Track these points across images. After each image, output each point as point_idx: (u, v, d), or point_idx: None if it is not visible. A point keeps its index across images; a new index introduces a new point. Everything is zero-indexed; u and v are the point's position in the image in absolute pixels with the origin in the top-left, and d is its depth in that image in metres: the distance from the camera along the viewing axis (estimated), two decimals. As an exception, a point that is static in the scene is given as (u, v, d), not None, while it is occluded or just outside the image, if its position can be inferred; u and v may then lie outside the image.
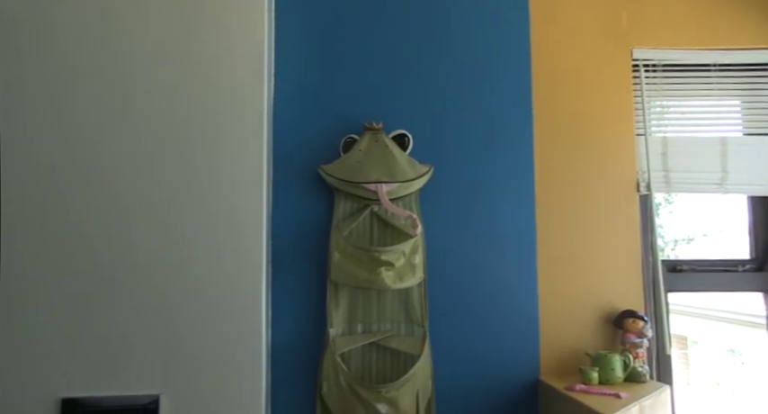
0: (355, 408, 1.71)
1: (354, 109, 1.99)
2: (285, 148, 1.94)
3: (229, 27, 1.75)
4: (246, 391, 1.65)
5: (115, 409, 1.60)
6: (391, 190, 1.83)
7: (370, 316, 1.87)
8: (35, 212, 1.63)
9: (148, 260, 1.66)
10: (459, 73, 2.04)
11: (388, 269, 1.76)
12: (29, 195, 1.64)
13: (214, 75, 1.73)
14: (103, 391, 1.61)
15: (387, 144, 1.88)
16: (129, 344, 1.63)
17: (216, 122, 1.72)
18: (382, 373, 1.84)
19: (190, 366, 1.64)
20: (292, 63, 1.99)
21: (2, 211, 1.62)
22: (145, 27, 1.72)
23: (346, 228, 1.86)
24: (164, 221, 1.67)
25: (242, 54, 1.75)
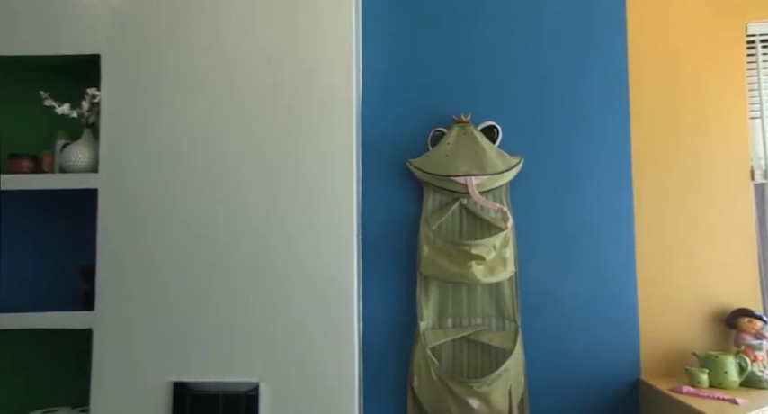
0: (446, 402, 1.71)
1: (442, 102, 1.97)
2: (373, 144, 1.96)
3: (320, 25, 1.79)
4: (340, 382, 1.70)
5: (219, 394, 1.70)
6: (481, 183, 1.80)
7: (460, 310, 1.86)
8: (150, 211, 1.76)
9: (250, 258, 1.74)
10: (549, 60, 1.97)
11: (478, 263, 1.74)
12: (145, 195, 1.77)
13: (306, 75, 1.78)
14: (209, 377, 1.71)
15: (475, 136, 1.85)
16: (232, 335, 1.72)
17: (308, 121, 1.77)
18: (473, 367, 1.83)
19: (287, 356, 1.71)
20: (379, 58, 2.00)
21: (121, 210, 1.76)
22: (245, 31, 1.80)
23: (435, 221, 1.86)
24: (263, 219, 1.75)
25: (330, 53, 1.79)
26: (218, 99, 1.78)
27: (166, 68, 1.80)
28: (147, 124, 1.78)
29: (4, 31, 1.82)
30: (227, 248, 1.74)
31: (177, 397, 1.70)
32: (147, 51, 1.80)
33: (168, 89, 1.79)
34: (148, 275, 1.74)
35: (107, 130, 1.78)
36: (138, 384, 1.71)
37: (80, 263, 1.85)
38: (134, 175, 1.77)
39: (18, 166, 1.84)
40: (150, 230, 1.75)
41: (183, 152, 1.77)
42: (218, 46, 1.80)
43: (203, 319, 1.73)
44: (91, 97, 1.80)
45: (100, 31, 1.81)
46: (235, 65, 1.79)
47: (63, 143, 1.86)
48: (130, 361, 1.72)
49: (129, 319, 1.73)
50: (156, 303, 1.73)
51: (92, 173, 1.79)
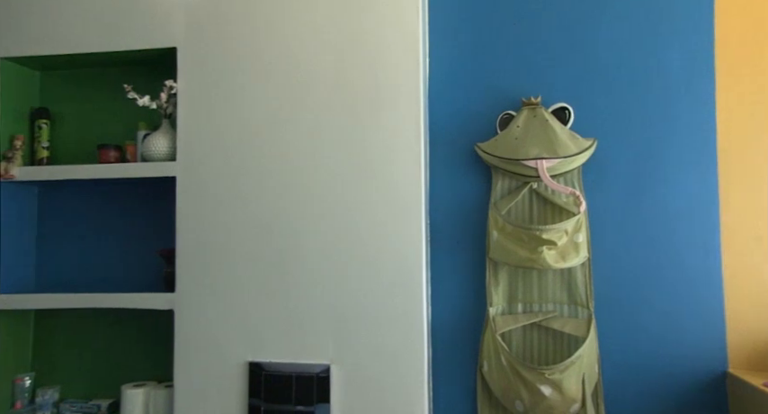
0: (517, 388, 1.69)
1: (510, 84, 1.93)
2: (441, 128, 1.95)
3: (386, 10, 1.78)
4: (409, 365, 1.71)
5: (292, 375, 1.75)
6: (552, 166, 1.75)
7: (530, 296, 1.82)
8: (225, 197, 1.82)
9: (321, 243, 1.77)
10: (625, 36, 1.88)
11: (549, 248, 1.69)
12: (220, 181, 1.83)
13: (372, 61, 1.79)
14: (282, 358, 1.77)
15: (546, 118, 1.80)
16: (304, 317, 1.77)
17: (375, 106, 1.78)
18: (544, 354, 1.79)
19: (357, 340, 1.74)
20: (446, 42, 1.97)
21: (197, 196, 1.83)
22: (313, 19, 1.82)
23: (505, 206, 1.83)
24: (332, 204, 1.77)
25: (397, 37, 1.78)
26: (287, 87, 1.82)
27: (238, 59, 1.85)
28: (220, 113, 1.84)
29: (91, 31, 1.92)
30: (298, 234, 1.78)
31: (253, 376, 1.77)
32: (219, 43, 1.86)
33: (240, 79, 1.84)
34: (224, 260, 1.81)
35: (183, 120, 1.86)
36: (217, 363, 1.79)
37: (161, 247, 1.94)
38: (209, 162, 1.84)
39: (106, 156, 1.95)
40: (225, 216, 1.82)
41: (254, 139, 1.82)
42: (287, 35, 1.83)
43: (276, 302, 1.78)
44: (168, 89, 1.88)
45: (175, 26, 1.88)
46: (302, 53, 1.82)
47: (144, 133, 1.96)
48: (209, 341, 1.80)
49: (206, 301, 1.81)
50: (231, 286, 1.80)
51: (170, 161, 1.87)
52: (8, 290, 1.95)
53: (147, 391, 1.89)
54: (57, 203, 2.11)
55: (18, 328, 2.01)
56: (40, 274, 2.09)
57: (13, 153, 1.93)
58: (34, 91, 2.10)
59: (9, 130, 1.97)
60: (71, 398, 2.01)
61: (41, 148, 2.02)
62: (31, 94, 2.08)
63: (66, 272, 2.09)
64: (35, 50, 1.94)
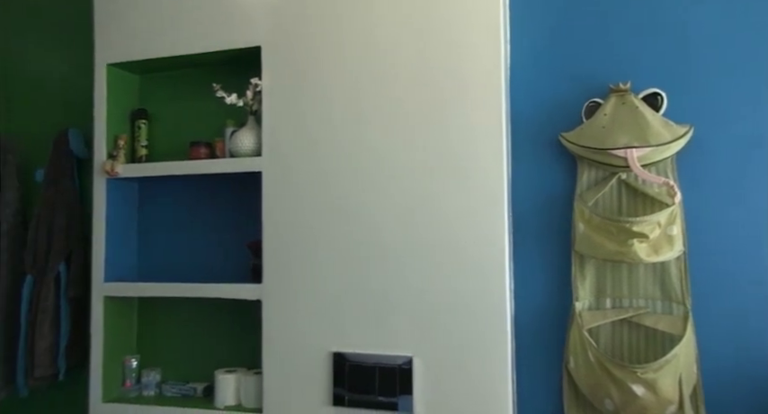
0: (606, 386, 1.62)
1: (596, 70, 1.84)
2: (523, 118, 1.90)
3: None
4: (493, 359, 1.69)
5: (375, 366, 1.78)
6: (643, 155, 1.66)
7: (619, 290, 1.75)
8: (309, 190, 1.88)
9: (403, 235, 1.79)
10: (717, 14, 1.74)
11: (640, 241, 1.61)
12: (304, 175, 1.89)
13: (453, 50, 1.78)
14: (365, 349, 1.80)
15: (636, 105, 1.71)
16: (387, 310, 1.79)
17: (457, 96, 1.77)
18: (635, 352, 1.71)
19: (440, 332, 1.74)
20: (528, 28, 1.91)
21: (282, 190, 1.89)
22: (394, 10, 1.83)
23: (591, 197, 1.76)
24: (415, 196, 1.78)
25: (478, 25, 1.76)
26: (369, 80, 1.84)
27: (320, 55, 1.89)
28: (303, 109, 1.89)
29: (183, 35, 2.03)
30: (380, 226, 1.80)
31: (337, 366, 1.81)
32: (301, 40, 1.91)
33: (322, 74, 1.88)
34: (309, 252, 1.86)
35: (268, 116, 1.92)
36: (302, 352, 1.85)
37: (250, 239, 2.03)
38: (293, 156, 1.89)
39: (197, 153, 2.05)
40: (309, 209, 1.87)
41: (336, 133, 1.86)
42: (367, 28, 1.85)
43: (360, 294, 1.81)
44: (254, 86, 1.95)
45: (260, 25, 1.95)
46: (383, 45, 1.83)
47: (231, 130, 2.04)
48: (295, 330, 1.86)
49: (292, 292, 1.87)
50: (316, 278, 1.85)
51: (256, 157, 1.94)
52: (114, 278, 2.11)
53: (238, 376, 1.99)
54: (154, 198, 2.25)
55: (124, 313, 2.17)
56: (141, 263, 2.24)
57: (118, 152, 2.08)
58: (134, 93, 2.24)
59: (114, 130, 2.12)
60: (171, 379, 2.15)
61: (141, 146, 2.16)
62: (131, 96, 2.23)
63: (163, 262, 2.22)
64: (135, 56, 2.08)
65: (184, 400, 2.05)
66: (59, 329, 2.16)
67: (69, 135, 2.26)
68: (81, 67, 2.32)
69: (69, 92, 2.39)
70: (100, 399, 2.05)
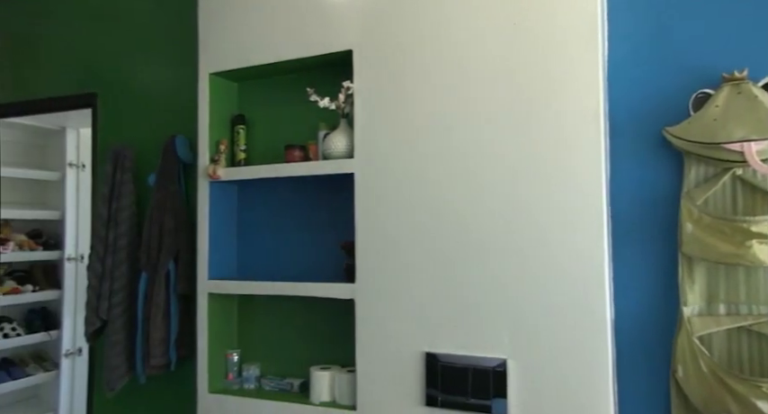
0: (723, 400, 1.50)
1: (705, 59, 1.71)
2: (623, 112, 1.80)
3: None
4: (592, 364, 1.62)
5: (468, 367, 1.76)
6: (763, 148, 1.52)
7: (735, 295, 1.61)
8: (402, 191, 1.89)
9: (497, 236, 1.76)
10: None
11: (760, 242, 1.48)
12: (396, 176, 1.90)
13: (546, 44, 1.72)
14: (458, 350, 1.78)
15: (755, 94, 1.57)
16: (480, 311, 1.76)
17: (550, 93, 1.71)
18: (757, 363, 1.57)
19: (535, 335, 1.69)
20: (628, 13, 1.81)
21: (375, 191, 1.92)
22: (482, 6, 1.80)
23: (700, 196, 1.63)
24: (508, 196, 1.75)
25: (572, 17, 1.69)
26: (459, 79, 1.82)
27: (410, 56, 1.89)
28: (394, 110, 1.90)
29: (278, 43, 2.10)
30: (473, 227, 1.78)
31: (429, 366, 1.81)
32: (392, 42, 1.92)
33: (412, 75, 1.88)
34: (401, 252, 1.87)
35: (360, 119, 1.95)
36: (395, 351, 1.87)
37: (344, 239, 2.07)
38: (385, 158, 1.91)
39: (291, 156, 2.13)
40: (402, 209, 1.88)
41: (428, 134, 1.86)
42: (459, 28, 1.83)
43: (453, 295, 1.80)
44: (345, 89, 1.99)
45: (351, 29, 1.98)
46: (473, 42, 1.81)
47: (324, 133, 2.10)
48: (387, 330, 1.88)
49: (384, 292, 1.89)
50: (408, 278, 1.86)
51: (348, 158, 1.98)
52: (217, 276, 2.23)
53: (332, 374, 2.04)
54: (252, 199, 2.35)
55: (226, 310, 2.29)
56: (241, 262, 2.35)
57: (219, 156, 2.19)
58: (233, 100, 2.36)
59: (215, 135, 2.24)
60: (269, 374, 2.24)
61: (239, 150, 2.27)
62: (230, 103, 2.34)
63: (261, 261, 2.32)
64: (234, 65, 2.18)
65: (282, 394, 2.13)
66: (170, 323, 2.31)
67: (176, 141, 2.42)
68: (186, 78, 2.48)
69: (176, 101, 2.56)
70: (206, 389, 2.17)
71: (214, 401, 2.16)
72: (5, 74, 3.07)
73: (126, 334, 2.41)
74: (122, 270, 2.43)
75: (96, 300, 2.44)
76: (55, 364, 3.63)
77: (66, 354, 3.62)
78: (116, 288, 2.42)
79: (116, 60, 2.74)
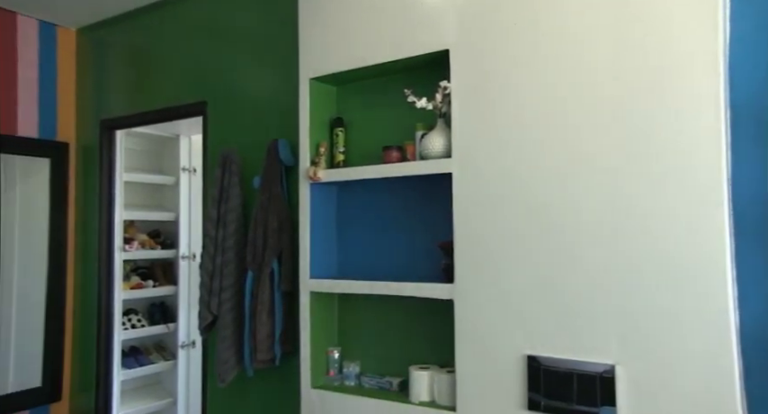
0: None
1: None
2: (746, 101, 1.65)
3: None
4: (715, 374, 1.50)
5: (573, 372, 1.69)
6: None
7: None
8: (501, 190, 1.85)
9: (603, 236, 1.68)
10: None
11: None
12: (495, 175, 1.87)
13: (659, 32, 1.62)
14: (562, 354, 1.72)
15: None
16: (585, 314, 1.69)
17: (664, 85, 1.60)
18: None
19: (647, 341, 1.59)
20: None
21: (473, 191, 1.89)
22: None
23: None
24: (617, 195, 1.66)
25: (689, 3, 1.57)
26: (563, 77, 1.76)
27: (509, 54, 1.85)
28: (493, 109, 1.87)
29: (375, 46, 2.13)
30: (578, 226, 1.71)
31: (531, 370, 1.76)
32: (490, 40, 1.89)
33: (512, 73, 1.84)
34: (501, 252, 1.83)
35: (458, 118, 1.93)
36: (495, 353, 1.83)
37: (441, 239, 2.06)
38: (484, 157, 1.88)
39: (389, 157, 2.15)
40: (501, 209, 1.84)
41: (528, 133, 1.81)
42: (561, 22, 1.77)
43: (554, 296, 1.74)
44: (443, 89, 1.98)
45: (447, 29, 1.97)
46: (579, 38, 1.74)
47: (421, 133, 2.10)
48: (487, 331, 1.85)
49: (484, 293, 1.86)
50: (508, 279, 1.82)
51: (446, 158, 1.97)
52: (318, 275, 2.30)
53: (431, 374, 2.04)
54: (351, 200, 2.41)
55: (327, 307, 2.36)
56: (341, 261, 2.41)
57: (319, 159, 2.26)
58: (332, 103, 2.42)
59: (315, 138, 2.32)
60: (369, 372, 2.28)
61: (338, 152, 2.33)
62: (329, 106, 2.41)
63: (360, 260, 2.37)
64: (333, 69, 2.24)
65: (381, 392, 2.16)
66: (275, 320, 2.42)
67: (279, 145, 2.53)
68: (287, 84, 2.59)
69: (278, 106, 2.68)
70: (309, 384, 2.25)
71: (316, 396, 2.23)
72: (130, 87, 3.36)
73: (234, 329, 2.55)
74: (231, 268, 2.58)
75: (208, 296, 2.60)
76: (173, 354, 3.93)
77: (182, 345, 3.90)
78: (225, 285, 2.57)
79: (223, 70, 2.91)
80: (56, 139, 3.50)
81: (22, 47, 3.37)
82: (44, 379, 3.38)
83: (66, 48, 3.58)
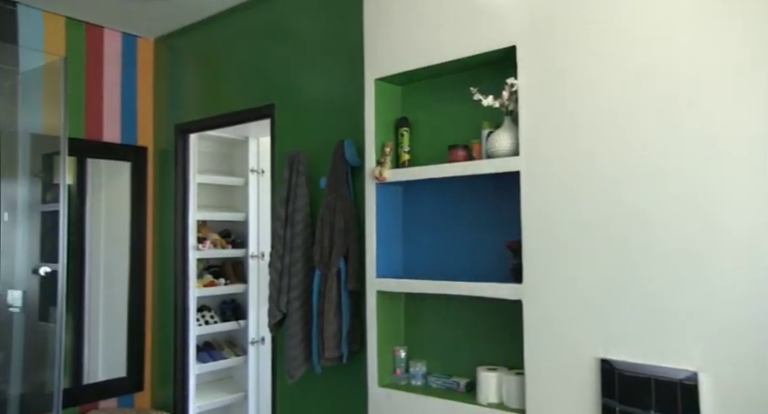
0: None
1: None
2: None
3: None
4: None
5: (650, 378, 1.62)
6: None
7: None
8: (571, 189, 1.80)
9: (685, 236, 1.59)
10: None
11: None
12: (565, 174, 1.82)
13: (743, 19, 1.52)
14: (638, 358, 1.65)
15: None
16: (664, 317, 1.61)
17: (746, 72, 1.51)
18: None
19: (735, 347, 1.50)
20: None
21: (542, 189, 1.85)
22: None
23: None
24: (697, 192, 1.58)
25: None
26: (636, 72, 1.69)
27: (579, 48, 1.79)
28: (562, 105, 1.82)
29: (441, 44, 2.12)
30: (653, 225, 1.64)
31: (604, 373, 1.70)
32: (559, 35, 1.83)
33: (582, 69, 1.78)
34: (572, 252, 1.78)
35: (525, 116, 1.89)
36: (566, 356, 1.78)
37: (508, 239, 2.03)
38: (553, 155, 1.83)
39: (455, 156, 2.13)
40: (572, 207, 1.79)
41: (599, 130, 1.75)
42: (634, 15, 1.69)
43: (632, 298, 1.67)
44: (510, 86, 1.94)
45: (514, 24, 1.93)
46: (654, 30, 1.66)
47: (488, 132, 2.07)
48: (558, 333, 1.80)
49: (554, 294, 1.81)
50: (580, 279, 1.76)
51: (513, 156, 1.93)
52: (384, 274, 2.31)
53: (499, 375, 2.00)
54: (416, 199, 2.40)
55: (393, 307, 2.37)
56: (407, 261, 2.42)
57: (384, 159, 2.28)
58: (397, 103, 2.43)
59: (381, 139, 2.33)
60: (435, 372, 2.27)
61: (403, 152, 2.33)
62: (394, 106, 2.42)
63: (425, 260, 2.36)
64: (398, 69, 2.25)
65: (448, 392, 2.14)
66: (342, 318, 2.45)
67: (344, 146, 2.56)
68: (352, 85, 2.62)
69: (343, 107, 2.71)
70: (376, 383, 2.27)
71: (383, 395, 2.24)
72: (202, 93, 3.51)
73: (303, 327, 2.61)
74: (298, 267, 2.63)
75: (277, 294, 2.67)
76: (244, 350, 4.06)
77: (252, 342, 4.03)
78: (293, 284, 2.63)
79: (290, 73, 2.98)
80: (136, 144, 3.70)
81: (107, 59, 3.58)
82: (128, 370, 3.58)
83: (145, 57, 3.77)
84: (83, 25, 3.47)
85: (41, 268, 3.01)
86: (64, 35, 3.39)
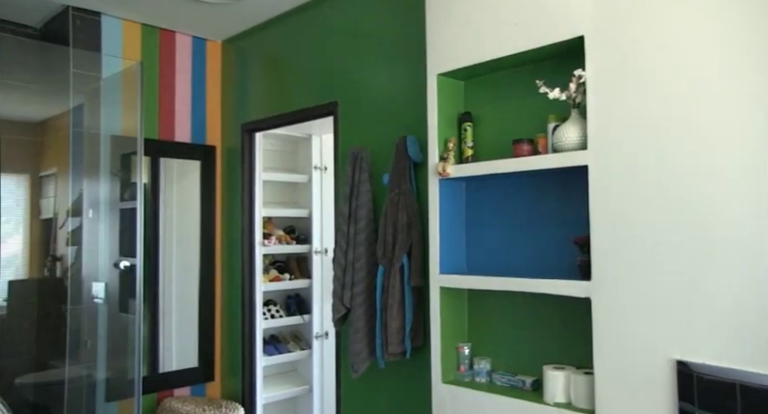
0: None
1: None
2: None
3: None
4: None
5: (735, 383, 1.53)
6: None
7: None
8: (642, 183, 1.73)
9: (763, 226, 1.50)
10: None
11: None
12: (635, 167, 1.75)
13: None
14: (718, 362, 1.57)
15: None
16: (748, 316, 1.53)
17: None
18: None
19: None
20: None
21: (611, 183, 1.78)
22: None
23: None
24: None
25: None
26: (710, 62, 1.60)
27: (649, 38, 1.72)
28: (632, 97, 1.75)
29: (503, 37, 2.08)
30: (731, 220, 1.55)
31: (681, 376, 1.62)
32: (628, 24, 1.76)
33: (653, 59, 1.71)
34: (644, 248, 1.71)
35: (594, 108, 1.83)
36: (638, 356, 1.72)
37: (575, 235, 1.97)
38: (622, 148, 1.76)
39: (519, 150, 2.09)
40: (643, 202, 1.72)
41: (671, 121, 1.67)
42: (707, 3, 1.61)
43: (707, 297, 1.59)
44: (577, 78, 1.89)
45: (582, 14, 1.87)
46: (729, 19, 1.56)
47: (554, 125, 2.02)
48: (629, 332, 1.74)
49: (625, 292, 1.75)
50: (652, 277, 1.69)
51: (581, 150, 1.87)
52: (447, 270, 2.30)
53: (567, 374, 1.96)
54: (479, 195, 2.38)
55: (456, 303, 2.36)
56: (470, 257, 2.39)
57: (448, 154, 2.26)
58: (459, 98, 2.41)
59: (443, 134, 2.32)
60: (500, 370, 2.24)
61: (467, 147, 2.31)
62: (457, 101, 2.40)
63: (489, 256, 2.33)
64: (461, 64, 2.22)
65: (514, 391, 2.11)
66: (405, 314, 2.46)
67: (407, 142, 2.56)
68: (415, 81, 2.61)
69: (406, 103, 2.71)
70: (440, 379, 2.26)
71: (447, 391, 2.23)
72: (267, 92, 3.60)
73: (366, 322, 2.63)
74: (362, 263, 2.66)
75: (341, 289, 2.71)
76: (308, 344, 4.15)
77: (317, 336, 4.11)
78: (357, 279, 2.66)
79: (353, 70, 3.01)
80: (205, 144, 3.84)
81: (179, 62, 3.74)
82: (199, 360, 3.74)
83: (213, 59, 3.91)
84: (157, 30, 3.64)
85: (121, 262, 3.18)
86: (140, 41, 3.57)
